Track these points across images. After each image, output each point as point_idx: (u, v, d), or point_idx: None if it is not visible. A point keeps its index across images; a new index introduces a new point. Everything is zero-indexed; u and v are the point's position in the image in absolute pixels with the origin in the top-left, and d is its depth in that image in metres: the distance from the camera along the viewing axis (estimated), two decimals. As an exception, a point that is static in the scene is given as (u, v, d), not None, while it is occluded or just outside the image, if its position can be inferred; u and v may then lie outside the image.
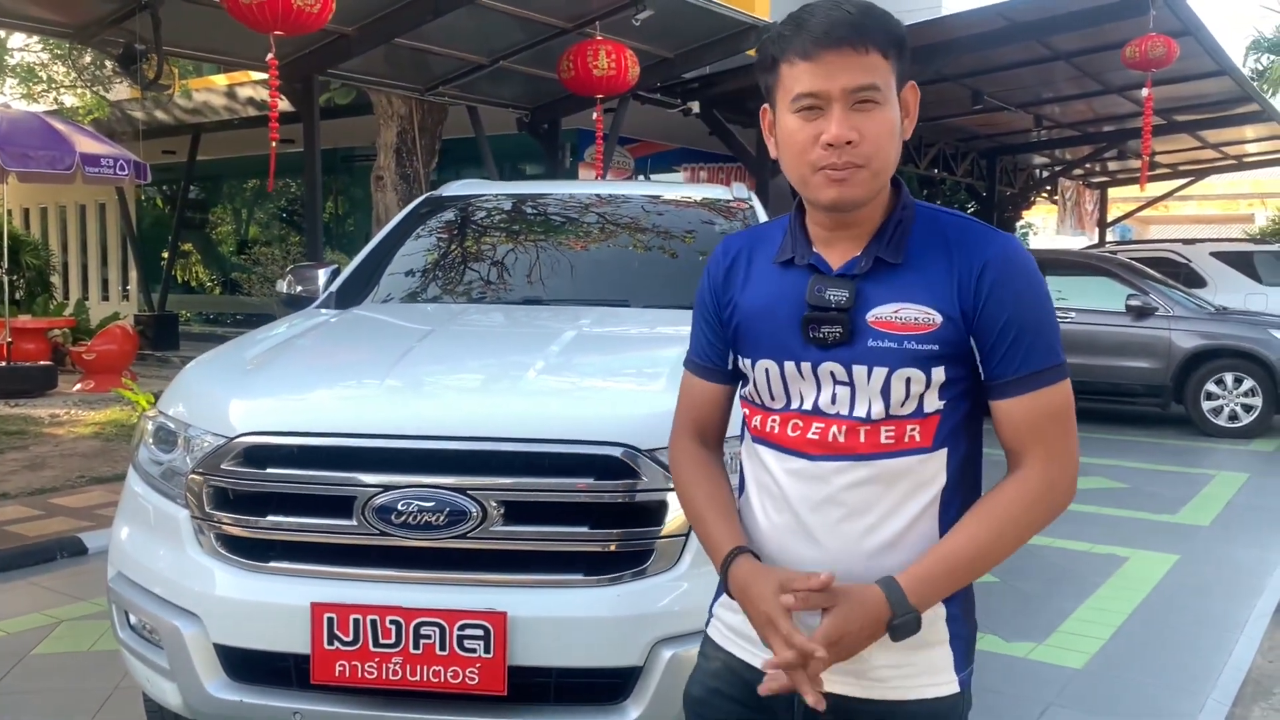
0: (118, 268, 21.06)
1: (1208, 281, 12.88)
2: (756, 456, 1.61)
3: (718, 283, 1.65)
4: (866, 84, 1.43)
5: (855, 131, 1.43)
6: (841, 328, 1.48)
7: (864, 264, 1.51)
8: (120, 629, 2.63)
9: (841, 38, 1.43)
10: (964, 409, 1.53)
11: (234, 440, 2.42)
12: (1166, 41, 9.10)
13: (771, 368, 1.55)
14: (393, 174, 10.65)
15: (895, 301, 1.48)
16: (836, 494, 1.50)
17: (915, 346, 1.47)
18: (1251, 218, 34.19)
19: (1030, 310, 1.48)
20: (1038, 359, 1.48)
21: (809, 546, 1.53)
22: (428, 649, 2.25)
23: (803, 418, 1.53)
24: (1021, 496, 1.49)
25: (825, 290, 1.50)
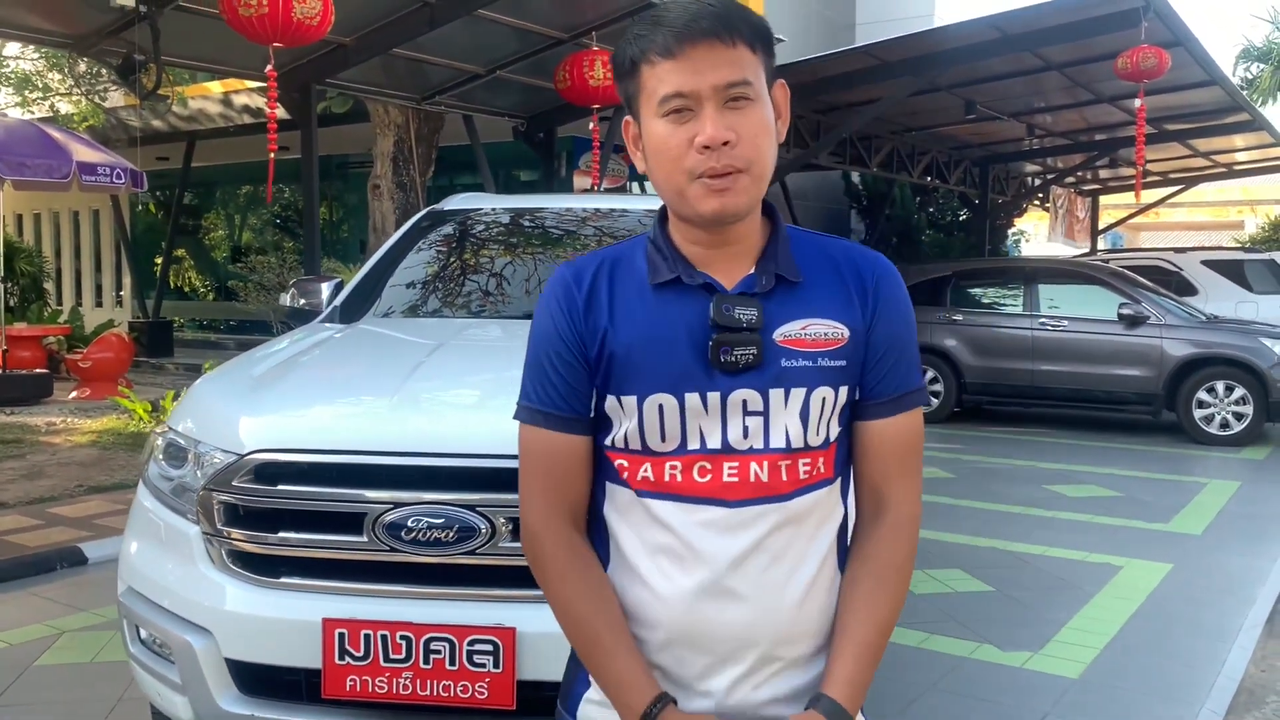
0: (111, 274, 21.06)
1: (1199, 290, 12.98)
2: (646, 514, 1.40)
3: (577, 313, 1.40)
4: (738, 79, 1.31)
5: (732, 131, 1.30)
6: (755, 349, 1.35)
7: (765, 282, 1.39)
8: (131, 643, 2.66)
9: (706, 29, 1.30)
10: (849, 436, 1.46)
11: (245, 457, 2.45)
12: (1158, 53, 9.19)
13: (668, 403, 1.36)
14: (389, 182, 10.70)
15: (801, 318, 1.39)
16: (760, 542, 1.37)
17: (828, 363, 1.39)
18: (1242, 224, 34.36)
19: (908, 329, 1.46)
20: (912, 379, 1.45)
21: (731, 607, 1.38)
22: (438, 664, 2.28)
23: (710, 459, 1.37)
24: (902, 553, 1.44)
25: (733, 309, 1.36)
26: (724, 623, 1.38)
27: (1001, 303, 11.34)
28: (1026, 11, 9.52)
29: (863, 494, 1.48)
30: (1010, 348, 10.91)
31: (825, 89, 11.74)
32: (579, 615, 1.40)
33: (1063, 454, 9.37)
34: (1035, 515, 6.84)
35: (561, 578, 1.41)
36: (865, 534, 1.45)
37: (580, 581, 1.41)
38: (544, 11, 8.63)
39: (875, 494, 1.46)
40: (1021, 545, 6.03)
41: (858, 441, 1.46)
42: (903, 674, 4.01)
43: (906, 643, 4.35)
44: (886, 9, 19.97)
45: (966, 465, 8.69)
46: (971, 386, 11.23)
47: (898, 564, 1.43)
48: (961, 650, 4.30)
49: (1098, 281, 10.87)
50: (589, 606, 1.40)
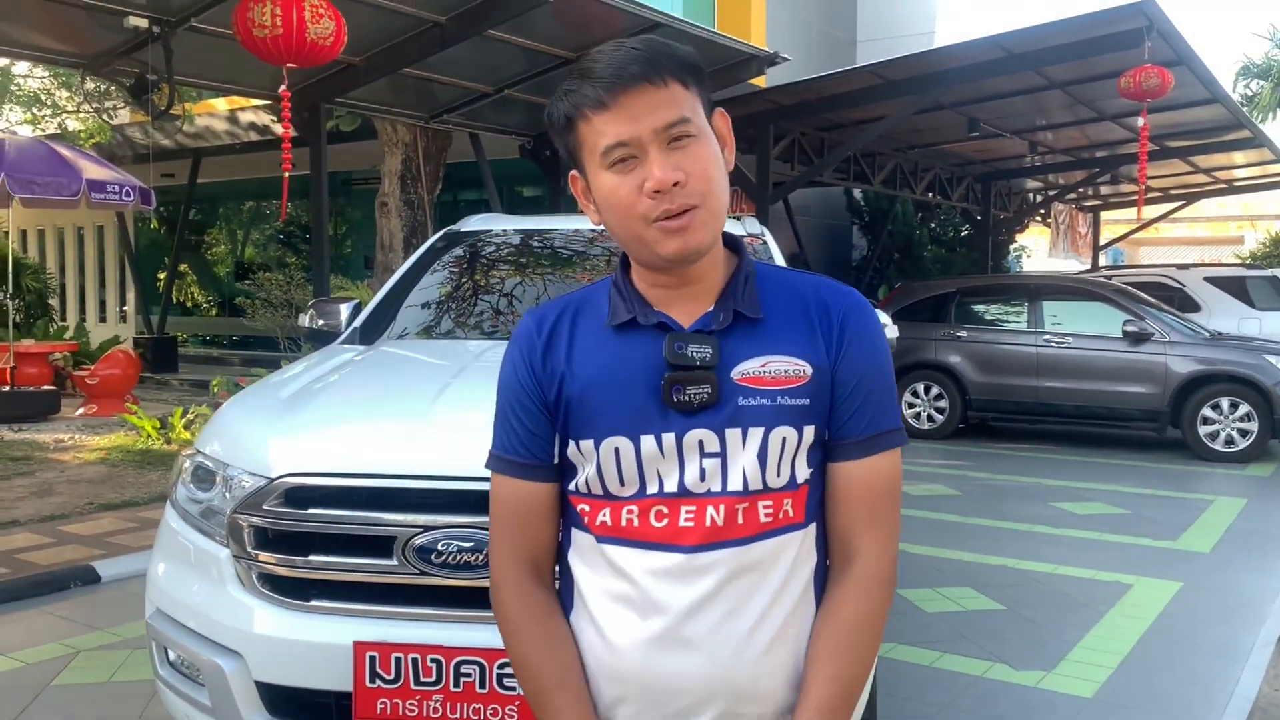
0: (116, 290, 21.10)
1: (1202, 306, 13.01)
2: (604, 560, 1.37)
3: (535, 358, 1.40)
4: (677, 118, 1.29)
5: (680, 171, 1.28)
6: (710, 387, 1.32)
7: (722, 319, 1.36)
8: (159, 665, 2.68)
9: (636, 75, 1.27)
10: (823, 479, 1.41)
11: (276, 481, 2.47)
12: (1160, 72, 9.25)
13: (623, 446, 1.34)
14: (397, 200, 10.75)
15: (760, 355, 1.35)
16: (718, 589, 1.32)
17: (788, 401, 1.34)
18: (1241, 240, 34.46)
19: (882, 366, 1.41)
20: (885, 419, 1.39)
21: (688, 656, 1.33)
22: (468, 687, 2.30)
23: (668, 503, 1.33)
24: (868, 612, 1.37)
25: (685, 347, 1.33)
26: (680, 675, 1.33)
27: (1006, 319, 11.37)
28: (1031, 31, 9.58)
29: (832, 541, 1.42)
30: (1015, 364, 10.94)
31: (829, 107, 11.81)
32: (529, 667, 1.38)
33: (1068, 471, 9.38)
34: (1043, 533, 6.86)
35: (517, 628, 1.40)
36: (833, 586, 1.40)
37: (533, 633, 1.39)
38: (551, 32, 8.69)
39: (844, 543, 1.40)
40: (1031, 563, 6.04)
41: (828, 484, 1.40)
42: (918, 693, 4.02)
43: (919, 662, 4.37)
44: (887, 26, 20.08)
45: (973, 482, 8.70)
46: (976, 403, 11.25)
47: (862, 622, 1.37)
48: (975, 669, 4.31)
49: (1102, 298, 10.91)
50: (539, 659, 1.38)
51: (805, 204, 18.05)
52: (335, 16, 6.77)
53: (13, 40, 7.80)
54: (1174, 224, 30.42)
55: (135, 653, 4.40)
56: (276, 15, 6.60)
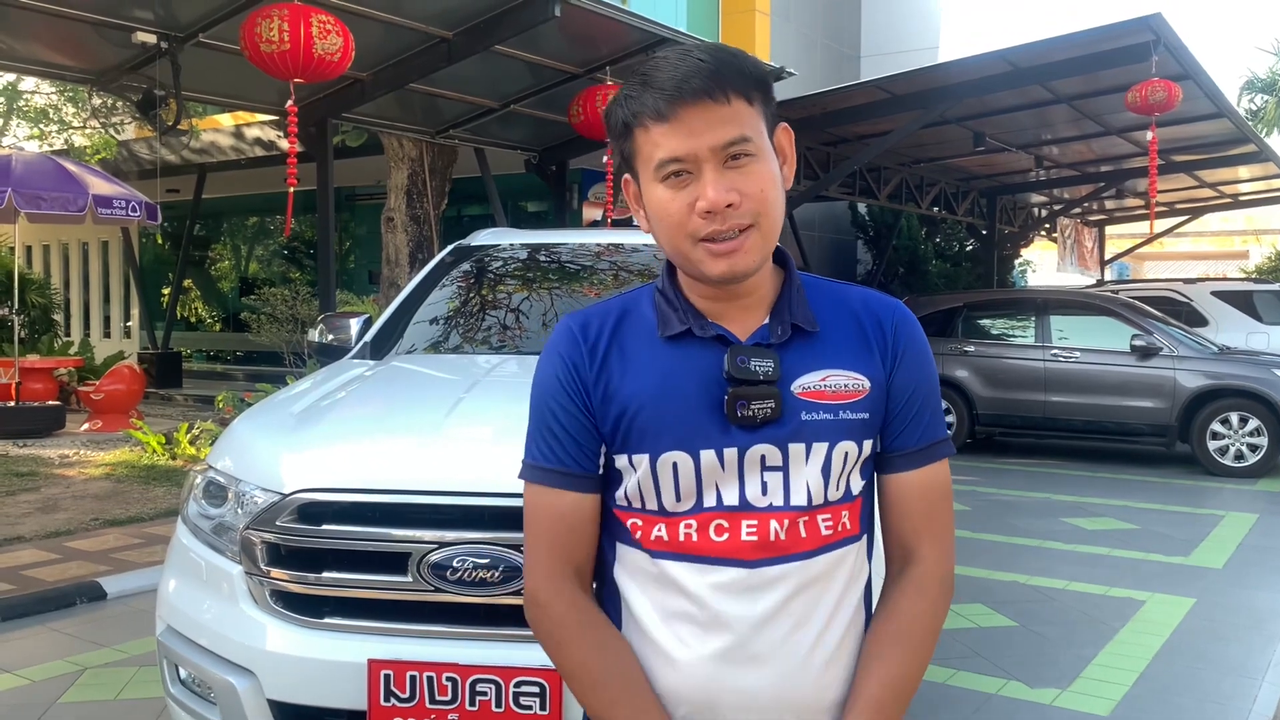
0: (120, 305, 21.14)
1: (1209, 321, 12.99)
2: (662, 576, 1.33)
3: (582, 365, 1.35)
4: (736, 137, 1.25)
5: (735, 192, 1.24)
6: (774, 402, 1.29)
7: (780, 332, 1.33)
8: (171, 683, 2.65)
9: (698, 89, 1.23)
10: (872, 490, 1.42)
11: (289, 497, 2.45)
12: (1167, 86, 9.25)
13: (682, 461, 1.30)
14: (403, 215, 10.76)
15: (820, 369, 1.33)
16: (783, 604, 1.30)
17: (850, 416, 1.33)
18: (1246, 254, 34.46)
19: (930, 378, 1.41)
20: (936, 429, 1.40)
21: (752, 672, 1.31)
22: (484, 706, 2.27)
23: (728, 516, 1.30)
24: (927, 612, 1.38)
25: (749, 361, 1.30)
26: (747, 691, 1.31)
27: (1013, 334, 11.35)
28: (1037, 45, 9.59)
29: (890, 550, 1.42)
30: (1022, 379, 10.91)
31: (835, 122, 11.82)
32: (595, 678, 1.32)
33: (1078, 486, 9.34)
34: (1054, 549, 6.81)
35: (571, 641, 1.33)
36: (889, 590, 1.40)
37: (594, 642, 1.33)
38: (558, 47, 8.71)
39: (903, 550, 1.40)
40: (1042, 579, 5.99)
41: (883, 495, 1.41)
42: (932, 712, 3.98)
43: (933, 679, 4.32)
44: (892, 41, 20.14)
45: (982, 498, 8.66)
46: (984, 418, 11.21)
47: (920, 622, 1.37)
48: (989, 686, 4.27)
49: (1109, 313, 10.88)
50: (604, 669, 1.32)
51: (810, 218, 18.06)
52: (343, 32, 6.79)
53: (21, 56, 7.82)
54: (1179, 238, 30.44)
55: (142, 670, 4.37)
56: (284, 31, 6.61)
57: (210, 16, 7.27)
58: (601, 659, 1.32)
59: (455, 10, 7.75)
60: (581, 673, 1.33)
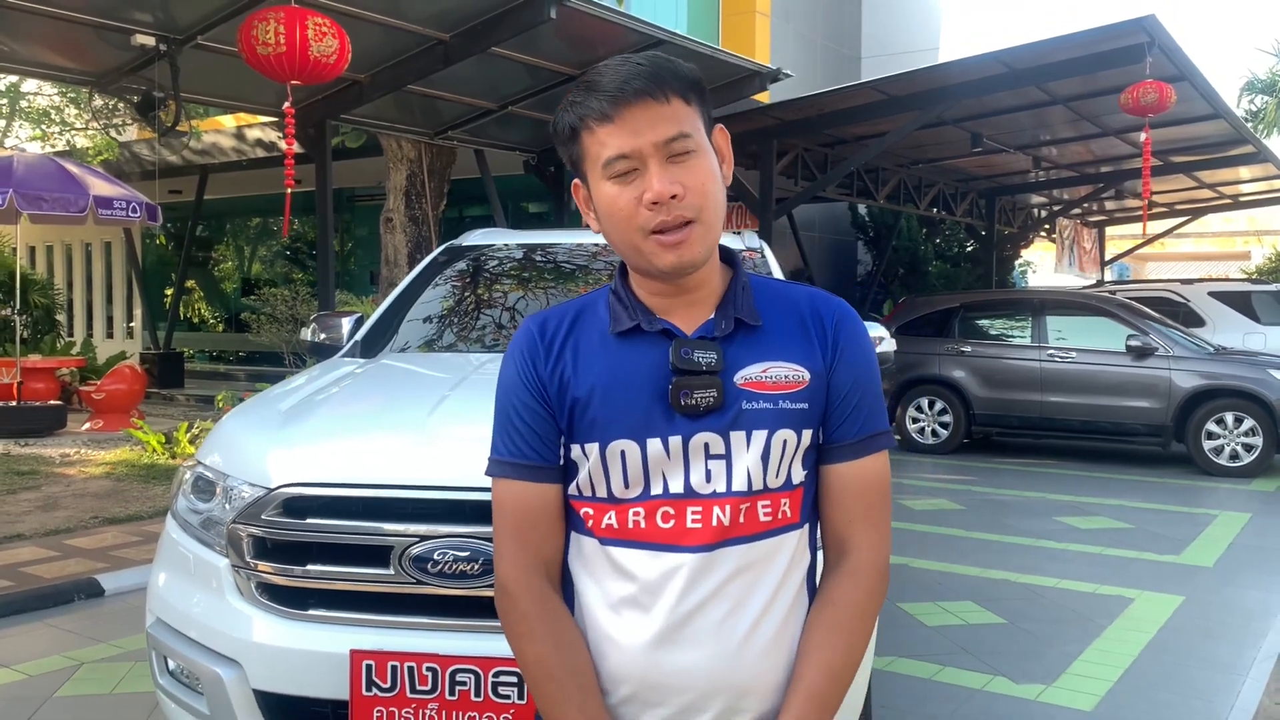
0: (122, 306, 21.23)
1: (1206, 321, 13.01)
2: (609, 562, 1.40)
3: (539, 361, 1.44)
4: (676, 133, 1.33)
5: (678, 184, 1.33)
6: (716, 391, 1.37)
7: (724, 326, 1.41)
8: (159, 675, 2.70)
9: (639, 90, 1.32)
10: (815, 480, 1.46)
11: (274, 491, 2.50)
12: (1158, 87, 9.28)
13: (630, 449, 1.38)
14: (402, 216, 10.81)
15: (761, 361, 1.40)
16: (721, 587, 1.37)
17: (789, 405, 1.39)
18: (1248, 255, 34.44)
19: (872, 372, 1.47)
20: (876, 421, 1.46)
21: (691, 653, 1.37)
22: (463, 695, 2.32)
23: (674, 503, 1.37)
24: (862, 601, 1.42)
25: (692, 352, 1.38)
26: (686, 672, 1.37)
27: (1010, 334, 11.38)
28: (1033, 47, 9.63)
29: (827, 539, 1.47)
30: (1019, 379, 10.94)
31: (833, 123, 11.85)
32: (548, 674, 1.38)
33: (1073, 486, 9.37)
34: (1046, 547, 6.85)
35: (533, 634, 1.40)
36: (826, 580, 1.45)
37: (552, 638, 1.40)
38: (555, 49, 8.75)
39: (838, 539, 1.45)
40: (1033, 577, 6.04)
41: (822, 485, 1.46)
42: (917, 706, 4.03)
43: (920, 674, 4.37)
44: (891, 42, 20.18)
45: (977, 497, 8.70)
46: (980, 418, 11.25)
47: (854, 610, 1.41)
48: (975, 682, 4.31)
49: (1105, 313, 10.91)
50: (560, 665, 1.38)
51: (810, 219, 18.10)
52: (339, 35, 6.83)
53: (22, 58, 7.88)
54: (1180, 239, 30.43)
55: (138, 665, 4.43)
56: (280, 34, 6.66)
57: (208, 19, 7.32)
58: (559, 656, 1.39)
59: (452, 12, 7.80)
60: (537, 667, 1.40)
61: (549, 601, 1.42)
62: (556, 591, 1.45)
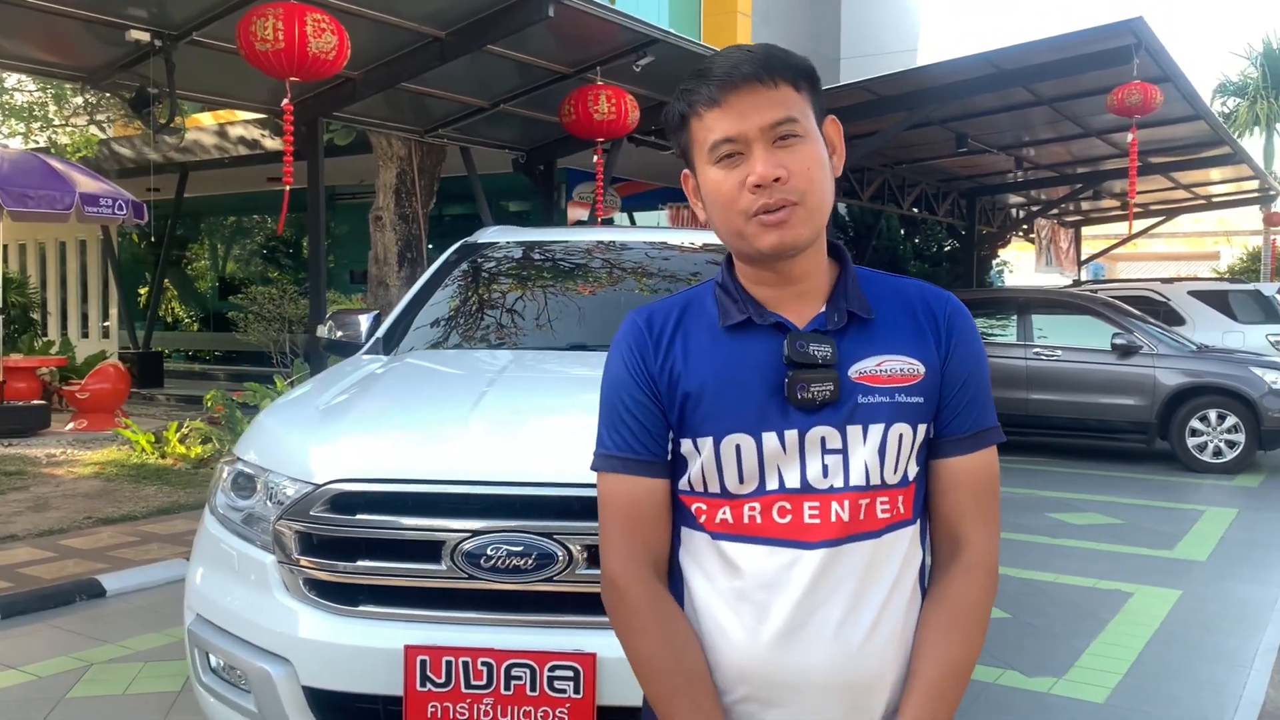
0: (98, 304, 20.98)
1: (1186, 320, 13.18)
2: (724, 559, 1.38)
3: (648, 354, 1.43)
4: (783, 118, 1.33)
5: (782, 168, 1.32)
6: (832, 384, 1.35)
7: (837, 319, 1.40)
8: (202, 673, 2.69)
9: (748, 74, 1.33)
10: (925, 476, 1.45)
11: (322, 487, 2.49)
12: (1143, 89, 9.40)
13: (745, 443, 1.37)
14: (392, 214, 10.76)
15: (876, 355, 1.39)
16: (840, 584, 1.35)
17: (905, 399, 1.38)
18: (1218, 255, 34.92)
19: (981, 366, 1.46)
20: (987, 416, 1.45)
21: (810, 652, 1.35)
22: (519, 690, 2.32)
23: (790, 498, 1.36)
24: (979, 597, 1.42)
25: (807, 345, 1.37)
26: (804, 669, 1.35)
27: (995, 332, 11.48)
28: (1022, 48, 9.72)
29: (939, 535, 1.46)
30: (1005, 377, 11.03)
31: (820, 123, 11.88)
32: (660, 669, 1.37)
33: (1061, 482, 9.47)
34: (1042, 543, 6.92)
35: (644, 630, 1.38)
36: (940, 575, 1.44)
37: (663, 634, 1.38)
38: (548, 47, 8.74)
39: (952, 534, 1.44)
40: (1033, 572, 6.10)
41: (934, 480, 1.44)
42: (934, 700, 4.06)
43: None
44: (870, 43, 20.31)
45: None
46: (967, 416, 11.30)
47: (971, 606, 1.41)
48: (987, 676, 4.35)
49: (1090, 312, 11.03)
50: (672, 661, 1.36)
51: (791, 219, 18.12)
52: (338, 31, 6.79)
53: (12, 54, 7.77)
54: (1153, 239, 30.79)
55: (149, 665, 4.39)
56: (279, 29, 6.62)
57: (204, 15, 7.25)
58: (669, 652, 1.37)
59: (449, 9, 7.77)
60: (648, 662, 1.38)
61: (658, 597, 1.40)
62: (665, 587, 1.43)
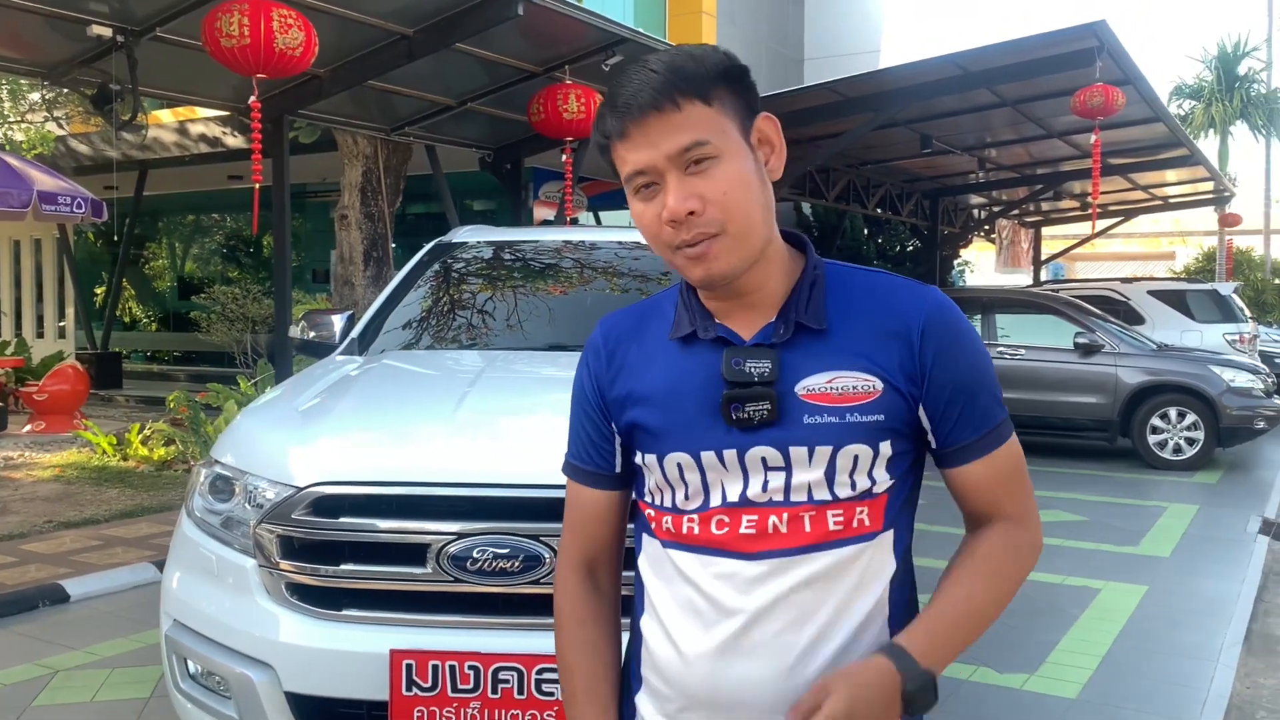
0: (54, 304, 20.61)
1: (1145, 319, 13.37)
2: (670, 565, 1.36)
3: (600, 370, 1.42)
4: (690, 142, 1.23)
5: (695, 198, 1.23)
6: (769, 404, 1.27)
7: (783, 331, 1.31)
8: (180, 679, 2.64)
9: (645, 103, 1.23)
10: (910, 483, 1.36)
11: (303, 491, 2.46)
12: (1104, 91, 9.54)
13: (685, 460, 1.32)
14: (357, 212, 10.66)
15: (827, 370, 1.29)
16: (781, 597, 1.28)
17: (859, 419, 1.28)
18: (1173, 255, 35.51)
19: (975, 366, 1.34)
20: (992, 416, 1.34)
21: (751, 665, 1.29)
22: (506, 693, 2.30)
23: (729, 512, 1.30)
24: (1007, 548, 1.34)
25: (743, 362, 1.29)
26: (743, 684, 1.29)
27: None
28: (986, 50, 9.83)
29: (969, 526, 1.40)
30: (970, 376, 11.10)
31: (788, 124, 11.60)
32: (564, 668, 1.44)
33: (1025, 480, 9.55)
34: (1010, 540, 6.98)
35: (560, 629, 1.46)
36: (971, 532, 1.39)
37: (576, 636, 1.44)
38: (516, 45, 8.69)
39: (979, 521, 1.38)
40: (1001, 569, 6.15)
41: (953, 487, 1.37)
42: (910, 697, 4.08)
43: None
44: (834, 44, 20.42)
45: (932, 490, 8.80)
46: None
47: (995, 557, 1.33)
48: (960, 673, 4.39)
49: (1053, 311, 11.17)
50: (575, 659, 1.43)
51: (757, 219, 18.19)
52: (305, 27, 6.72)
53: (-34, 48, 7.63)
54: (1110, 239, 31.26)
55: (116, 672, 4.32)
56: (244, 25, 6.53)
57: (168, 10, 7.14)
58: (579, 653, 1.43)
59: (417, 7, 7.71)
60: (559, 660, 1.46)
61: (583, 603, 1.45)
62: (597, 592, 1.47)
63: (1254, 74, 28.55)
